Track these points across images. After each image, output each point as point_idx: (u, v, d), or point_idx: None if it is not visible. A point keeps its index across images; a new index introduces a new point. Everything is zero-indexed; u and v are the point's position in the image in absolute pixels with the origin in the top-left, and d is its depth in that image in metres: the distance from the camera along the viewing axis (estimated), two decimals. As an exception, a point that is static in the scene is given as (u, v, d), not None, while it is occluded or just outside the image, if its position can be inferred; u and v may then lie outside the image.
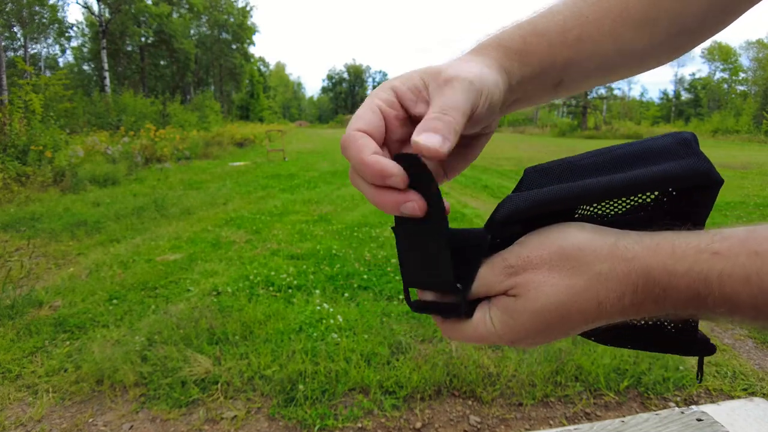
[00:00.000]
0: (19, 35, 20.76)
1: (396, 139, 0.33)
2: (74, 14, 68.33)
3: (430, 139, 0.27)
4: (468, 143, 0.36)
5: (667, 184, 0.29)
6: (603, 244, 0.28)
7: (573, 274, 0.28)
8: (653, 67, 0.40)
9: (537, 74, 0.35)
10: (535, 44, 0.34)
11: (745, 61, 37.61)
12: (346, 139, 0.30)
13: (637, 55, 0.37)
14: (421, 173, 0.28)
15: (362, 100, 0.34)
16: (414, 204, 0.28)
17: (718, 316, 0.26)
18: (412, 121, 0.32)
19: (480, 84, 0.31)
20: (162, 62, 29.06)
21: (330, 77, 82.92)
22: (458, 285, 0.31)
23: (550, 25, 0.35)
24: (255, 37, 37.38)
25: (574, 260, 0.28)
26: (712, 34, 0.39)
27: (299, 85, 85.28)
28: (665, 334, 0.33)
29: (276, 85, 60.75)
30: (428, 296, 0.33)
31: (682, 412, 0.63)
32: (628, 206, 0.31)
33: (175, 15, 28.04)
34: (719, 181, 0.29)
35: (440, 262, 0.31)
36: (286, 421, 1.74)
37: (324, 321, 2.45)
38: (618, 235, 0.28)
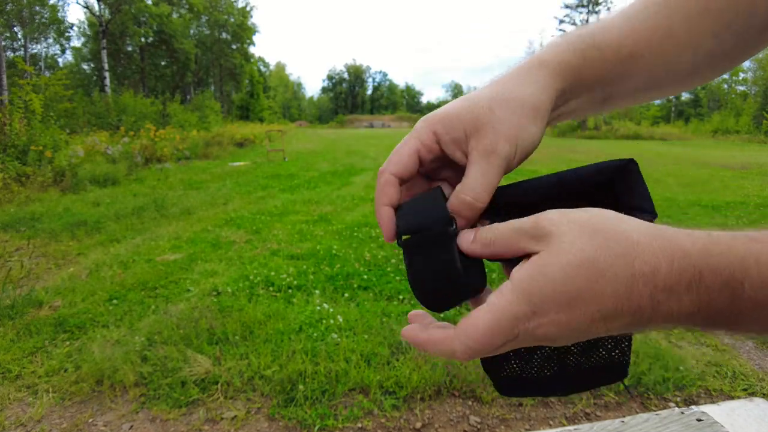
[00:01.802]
0: (19, 35, 20.77)
1: (426, 170, 0.37)
2: (74, 14, 68.52)
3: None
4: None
5: (592, 174, 0.32)
6: (640, 222, 0.27)
7: (609, 238, 0.26)
8: (698, 85, 0.40)
9: (588, 90, 0.37)
10: (592, 59, 0.36)
11: (745, 61, 37.61)
12: (379, 176, 0.35)
13: (682, 73, 0.38)
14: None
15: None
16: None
17: (750, 311, 0.24)
18: (446, 159, 0.35)
19: (513, 151, 0.33)
20: (162, 62, 29.07)
21: (330, 77, 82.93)
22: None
23: (607, 40, 0.36)
24: (255, 37, 37.39)
25: (613, 225, 0.26)
26: (752, 55, 0.39)
27: (299, 85, 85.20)
28: (596, 359, 0.33)
29: (276, 85, 60.77)
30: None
31: (682, 413, 0.63)
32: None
33: (175, 15, 28.04)
34: (632, 161, 0.32)
35: (450, 274, 0.32)
36: (286, 422, 1.74)
37: (324, 321, 2.45)
38: (661, 225, 0.27)
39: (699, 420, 0.61)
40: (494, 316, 0.27)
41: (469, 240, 0.31)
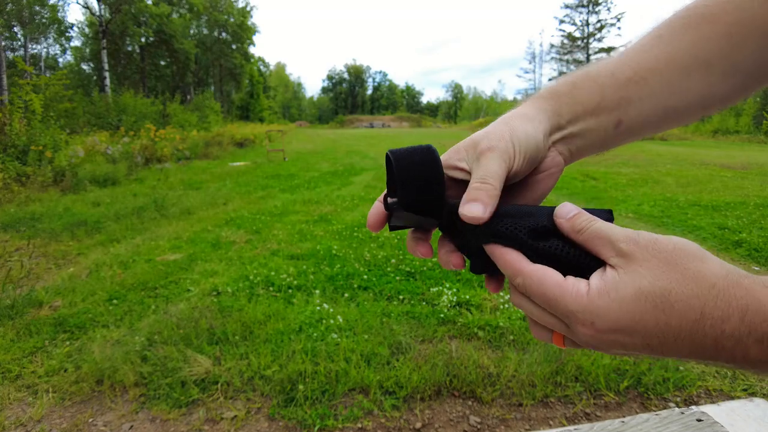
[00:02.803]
0: (19, 35, 20.77)
1: None
2: (74, 14, 68.41)
3: (472, 209, 0.32)
4: (530, 183, 0.39)
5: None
6: (722, 266, 0.27)
7: (687, 275, 0.27)
8: (720, 110, 0.41)
9: (591, 111, 0.39)
10: (582, 85, 0.38)
11: None
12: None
13: (696, 99, 0.39)
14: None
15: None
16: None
17: None
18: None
19: (510, 146, 0.35)
20: (162, 62, 29.07)
21: (330, 77, 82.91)
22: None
23: (600, 69, 0.39)
24: (255, 37, 37.36)
25: (692, 265, 0.27)
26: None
27: (299, 85, 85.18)
28: None
29: (276, 85, 60.76)
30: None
31: (682, 413, 0.63)
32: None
33: (175, 15, 28.05)
34: (610, 212, 0.34)
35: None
36: (286, 422, 1.74)
37: (324, 321, 2.45)
38: (742, 270, 0.28)
39: (699, 420, 0.61)
40: (559, 296, 0.29)
41: (566, 215, 0.32)
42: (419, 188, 0.35)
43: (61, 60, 26.90)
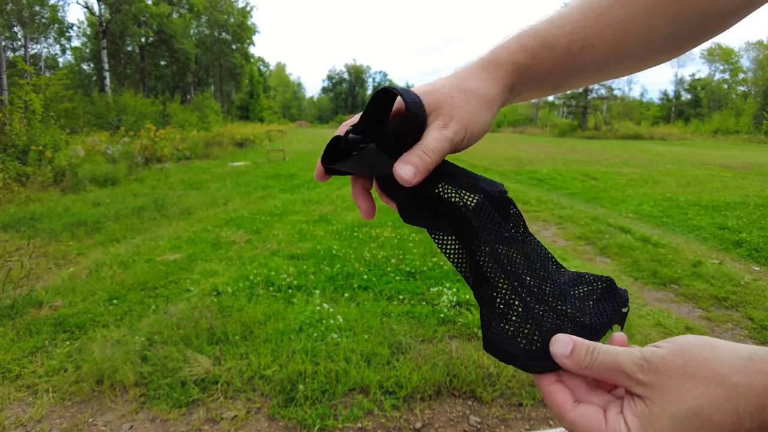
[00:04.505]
0: (19, 35, 20.76)
1: None
2: (74, 14, 68.26)
3: (405, 170, 0.34)
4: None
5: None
6: (737, 358, 0.28)
7: (709, 384, 0.27)
8: (652, 66, 0.43)
9: (538, 84, 0.41)
10: (542, 58, 0.39)
11: (745, 62, 37.58)
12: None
13: (635, 59, 0.41)
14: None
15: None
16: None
17: None
18: None
19: (463, 132, 0.37)
20: (162, 62, 29.04)
21: (330, 77, 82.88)
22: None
23: (559, 37, 0.39)
24: (255, 37, 37.34)
25: (710, 371, 0.28)
26: (711, 37, 0.41)
27: (299, 85, 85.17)
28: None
29: (276, 85, 60.71)
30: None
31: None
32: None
33: (175, 15, 28.02)
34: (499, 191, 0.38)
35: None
36: (286, 422, 1.74)
37: (324, 321, 2.45)
38: (751, 350, 0.28)
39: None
40: None
41: (565, 353, 0.32)
42: (370, 124, 0.37)
43: (61, 60, 26.89)
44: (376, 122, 0.38)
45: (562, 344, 0.32)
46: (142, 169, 8.83)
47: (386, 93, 0.36)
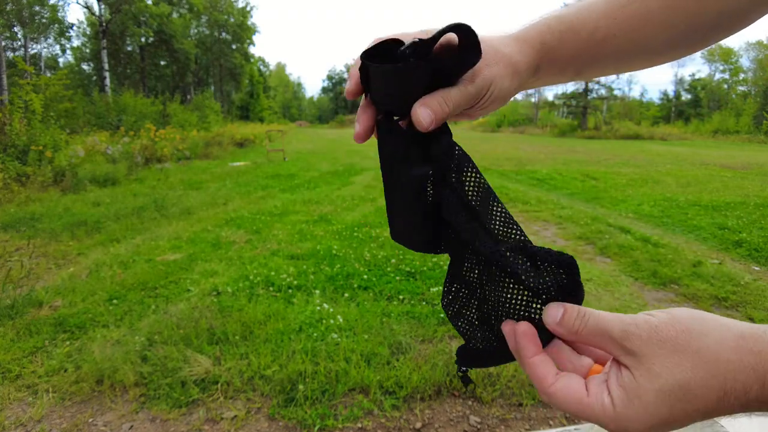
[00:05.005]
0: (19, 35, 20.75)
1: None
2: (74, 14, 68.28)
3: (424, 114, 0.34)
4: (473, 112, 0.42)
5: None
6: (730, 335, 0.27)
7: (699, 359, 0.27)
8: (667, 62, 0.44)
9: (561, 69, 0.42)
10: (568, 41, 0.40)
11: (745, 62, 37.56)
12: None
13: (654, 53, 0.42)
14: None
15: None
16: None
17: None
18: None
19: (489, 87, 0.37)
20: (162, 62, 29.04)
21: (330, 77, 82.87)
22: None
23: (585, 23, 0.40)
24: (255, 37, 37.35)
25: (701, 345, 0.27)
26: (730, 34, 0.42)
27: (299, 85, 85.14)
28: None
29: (276, 85, 60.70)
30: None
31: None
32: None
33: (175, 15, 28.02)
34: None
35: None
36: (286, 421, 1.74)
37: (324, 321, 2.45)
38: (744, 328, 0.28)
39: (699, 420, 0.61)
40: (591, 414, 0.30)
41: (555, 319, 0.32)
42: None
43: (61, 60, 26.90)
44: (432, 48, 0.35)
45: (554, 310, 0.32)
46: (142, 169, 8.83)
47: (462, 30, 0.34)
